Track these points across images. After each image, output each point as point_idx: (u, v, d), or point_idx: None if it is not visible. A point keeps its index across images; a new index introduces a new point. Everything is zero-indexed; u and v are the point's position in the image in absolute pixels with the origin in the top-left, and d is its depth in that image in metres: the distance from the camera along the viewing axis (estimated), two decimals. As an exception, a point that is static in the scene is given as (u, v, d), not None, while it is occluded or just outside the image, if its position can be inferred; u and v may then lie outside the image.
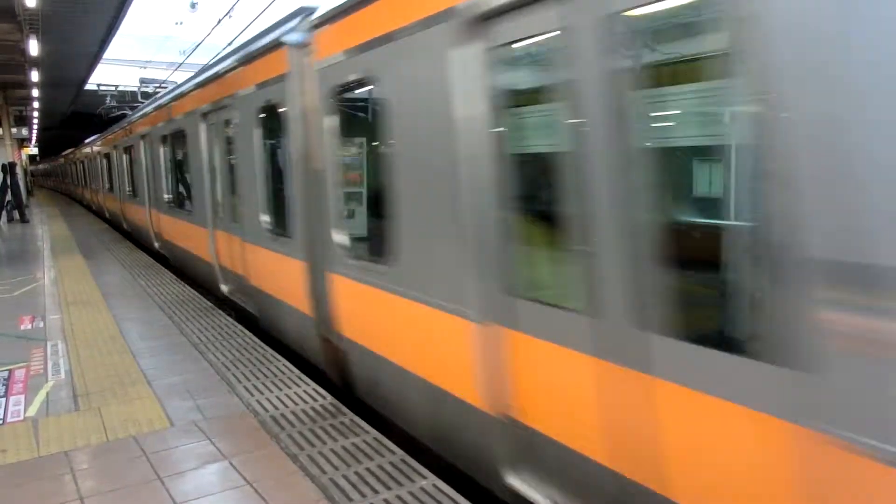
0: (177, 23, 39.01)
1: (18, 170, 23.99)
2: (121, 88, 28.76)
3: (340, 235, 4.90)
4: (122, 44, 34.60)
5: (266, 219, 6.48)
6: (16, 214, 22.51)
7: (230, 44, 15.34)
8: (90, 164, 26.05)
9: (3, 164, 21.89)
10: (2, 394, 5.18)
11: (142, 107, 16.03)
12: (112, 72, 29.22)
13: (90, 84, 27.45)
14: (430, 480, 3.54)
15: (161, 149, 11.65)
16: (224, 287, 8.39)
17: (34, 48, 16.43)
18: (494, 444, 3.37)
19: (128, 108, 25.41)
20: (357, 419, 4.41)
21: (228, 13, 19.16)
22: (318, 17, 4.95)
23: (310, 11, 5.25)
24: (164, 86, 24.04)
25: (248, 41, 6.96)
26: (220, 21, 19.48)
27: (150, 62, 32.01)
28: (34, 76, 20.91)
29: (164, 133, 11.25)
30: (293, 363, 5.77)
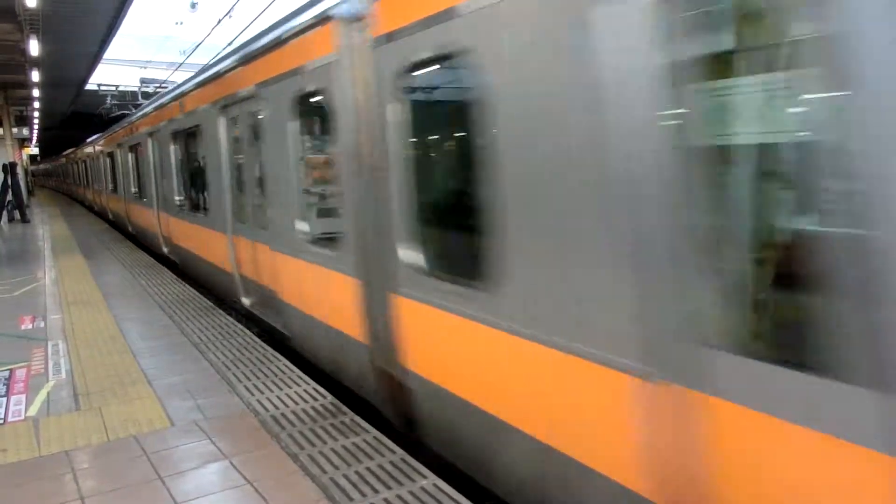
0: (177, 23, 39.08)
1: (19, 170, 24.00)
2: (121, 88, 28.79)
3: (412, 251, 4.04)
4: (123, 44, 34.63)
5: (304, 227, 5.64)
6: (16, 214, 22.54)
7: (230, 44, 15.36)
8: (93, 164, 25.27)
9: (4, 164, 21.90)
10: (3, 393, 5.19)
11: (149, 102, 15.24)
12: (112, 72, 29.30)
13: (90, 84, 27.51)
14: (431, 480, 3.54)
15: (172, 146, 10.86)
16: (245, 300, 7.58)
17: (34, 48, 16.45)
18: None
19: (131, 107, 25.19)
20: (357, 419, 4.42)
21: (228, 13, 19.20)
22: None
23: None
24: (165, 86, 24.04)
25: (278, 21, 6.03)
26: (220, 21, 19.53)
27: (151, 62, 32.07)
28: (35, 76, 20.94)
29: (176, 129, 10.43)
30: (293, 363, 5.78)
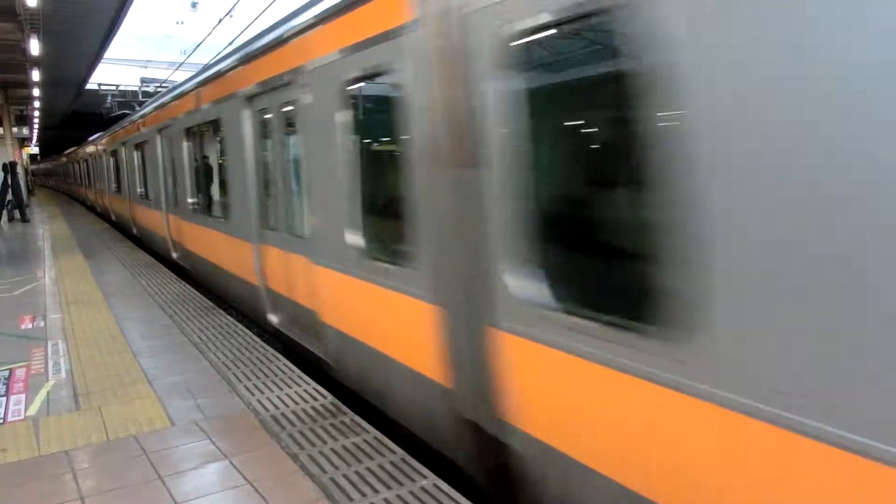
0: (178, 22, 39.21)
1: (19, 169, 24.02)
2: (122, 88, 28.80)
3: (525, 276, 3.19)
4: (123, 43, 34.67)
5: (356, 238, 4.74)
6: (16, 214, 22.56)
7: (231, 43, 15.36)
8: (95, 163, 24.33)
9: (4, 164, 21.93)
10: (2, 393, 5.19)
11: (159, 96, 14.06)
12: (113, 71, 29.35)
13: (91, 83, 27.53)
14: (431, 480, 3.54)
15: (185, 143, 9.97)
16: (273, 317, 6.71)
17: (35, 48, 16.46)
18: None
19: (135, 105, 24.88)
20: (357, 418, 4.41)
21: (229, 13, 19.22)
22: None
23: None
24: (165, 85, 24.01)
25: None
26: (221, 21, 19.53)
27: (151, 62, 32.15)
28: (35, 76, 20.95)
29: (191, 124, 9.50)
30: (294, 363, 5.77)
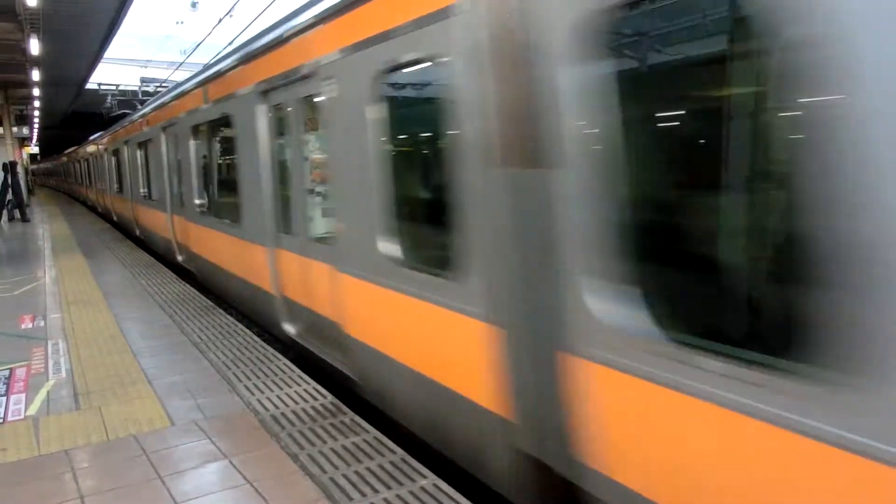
0: (177, 22, 39.24)
1: (19, 169, 24.01)
2: (122, 88, 28.79)
3: (613, 296, 2.67)
4: (123, 43, 34.70)
5: (391, 245, 4.31)
6: (17, 213, 22.56)
7: (230, 43, 15.36)
8: (97, 163, 23.77)
9: (4, 163, 21.93)
10: (2, 392, 5.19)
11: (163, 94, 13.65)
12: (113, 71, 29.33)
13: (91, 83, 27.53)
14: (431, 480, 3.54)
15: (191, 142, 9.62)
16: (290, 327, 6.30)
17: (35, 47, 16.46)
18: None
19: (138, 104, 24.72)
20: (357, 418, 4.41)
21: (229, 12, 19.21)
22: None
23: None
24: (165, 85, 23.96)
25: None
26: (221, 20, 19.54)
27: (151, 61, 32.14)
28: (35, 75, 20.94)
29: (198, 121, 9.14)
30: (294, 362, 5.77)
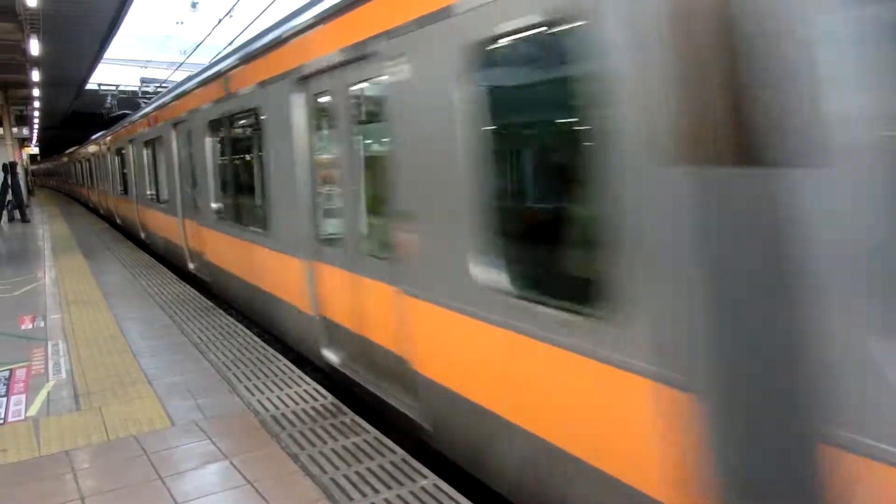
0: (177, 22, 39.21)
1: (19, 169, 24.01)
2: (122, 88, 28.78)
3: None
4: (123, 43, 34.76)
5: (492, 267, 3.36)
6: (16, 214, 22.56)
7: (231, 43, 15.37)
8: (99, 163, 22.90)
9: (4, 164, 21.93)
10: (3, 393, 5.19)
11: (172, 88, 12.58)
12: (113, 71, 29.33)
13: (91, 84, 27.51)
14: (431, 480, 3.54)
15: (208, 139, 8.70)
16: (331, 354, 5.30)
17: (35, 48, 16.46)
18: None
19: (142, 103, 24.49)
20: (358, 419, 4.41)
21: (229, 13, 19.21)
22: None
23: None
24: (165, 85, 23.91)
25: None
26: (221, 21, 19.53)
27: (151, 62, 32.12)
28: (35, 76, 20.94)
29: (215, 116, 8.24)
30: (294, 362, 5.77)
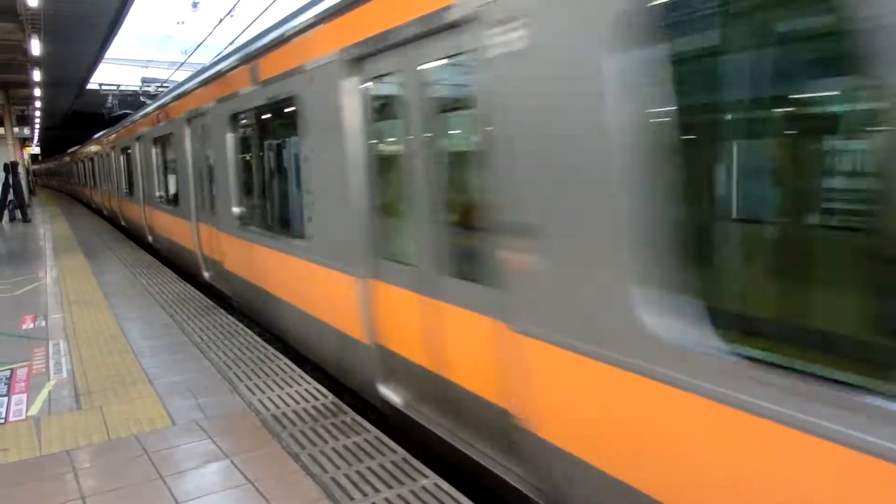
0: (178, 22, 39.19)
1: (20, 169, 24.02)
2: (122, 88, 28.78)
3: None
4: (124, 43, 34.70)
5: (682, 313, 2.43)
6: (18, 214, 22.58)
7: (231, 43, 15.36)
8: (103, 162, 22.20)
9: (6, 164, 21.95)
10: (4, 393, 5.19)
11: (184, 81, 11.24)
12: (114, 71, 29.30)
13: (92, 83, 27.49)
14: (432, 479, 3.54)
15: (229, 134, 7.68)
16: (391, 392, 4.56)
17: (36, 48, 16.45)
18: None
19: (147, 101, 24.28)
20: (358, 418, 4.41)
21: (230, 12, 19.21)
22: None
23: None
24: (166, 85, 23.89)
25: None
26: (222, 20, 19.54)
27: (152, 62, 32.09)
28: (36, 76, 20.94)
29: (239, 109, 7.23)
30: (294, 362, 5.78)
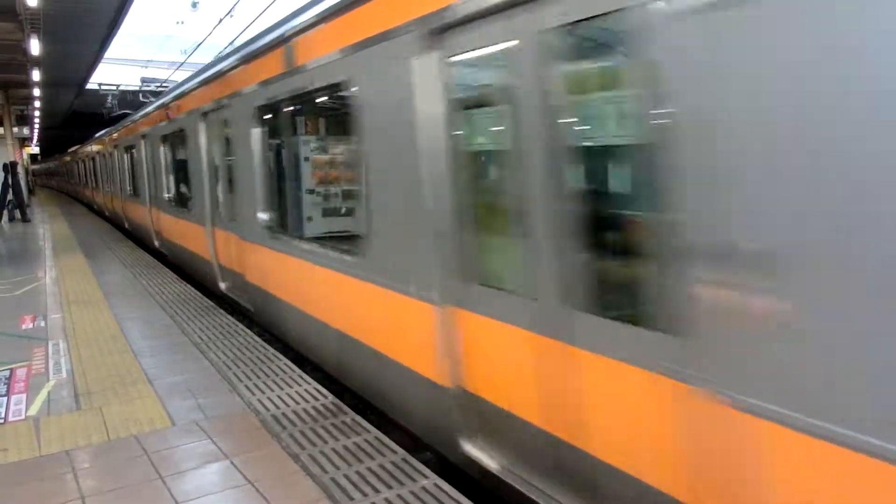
0: (178, 22, 39.20)
1: (20, 169, 24.01)
2: (122, 88, 28.76)
3: None
4: (124, 43, 34.64)
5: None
6: (17, 214, 22.57)
7: (231, 43, 15.36)
8: (106, 162, 21.44)
9: (5, 164, 21.94)
10: (3, 393, 5.19)
11: (198, 72, 10.14)
12: (113, 71, 29.29)
13: (91, 83, 27.49)
14: (432, 480, 3.54)
15: (253, 132, 6.78)
16: (483, 453, 3.67)
17: (35, 48, 16.44)
18: None
19: (150, 97, 23.86)
20: (358, 418, 4.41)
21: (230, 12, 19.21)
22: None
23: None
24: (166, 85, 23.84)
25: None
26: (222, 20, 19.53)
27: (152, 62, 32.07)
28: (35, 76, 20.93)
29: (268, 100, 6.33)
30: (294, 362, 5.77)
